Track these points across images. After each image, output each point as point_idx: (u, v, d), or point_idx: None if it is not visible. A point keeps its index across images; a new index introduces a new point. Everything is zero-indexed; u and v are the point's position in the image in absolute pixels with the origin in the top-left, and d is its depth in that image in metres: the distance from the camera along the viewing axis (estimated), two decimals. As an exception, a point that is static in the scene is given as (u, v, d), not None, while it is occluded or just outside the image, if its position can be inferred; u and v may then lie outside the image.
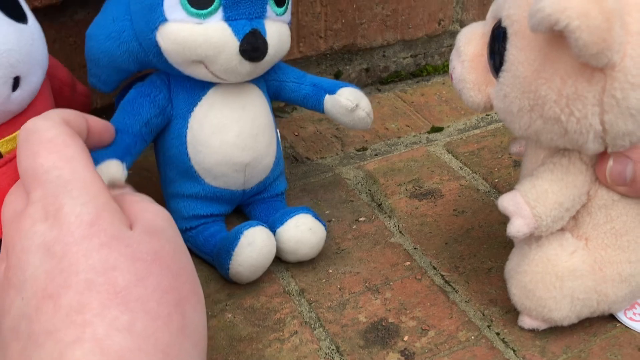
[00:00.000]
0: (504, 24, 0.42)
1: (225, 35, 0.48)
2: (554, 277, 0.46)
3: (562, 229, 0.47)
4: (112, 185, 0.47)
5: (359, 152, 0.71)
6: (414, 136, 0.73)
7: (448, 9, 0.82)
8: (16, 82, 0.46)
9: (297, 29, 0.75)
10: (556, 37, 0.38)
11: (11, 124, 0.48)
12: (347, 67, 0.81)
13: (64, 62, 0.64)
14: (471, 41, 0.46)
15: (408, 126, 0.75)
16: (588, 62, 0.37)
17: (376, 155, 0.70)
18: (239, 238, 0.52)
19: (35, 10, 0.61)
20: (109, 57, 0.52)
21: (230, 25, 0.48)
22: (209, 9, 0.48)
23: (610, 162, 0.44)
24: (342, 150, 0.71)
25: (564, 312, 0.48)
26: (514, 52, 0.41)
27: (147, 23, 0.49)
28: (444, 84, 0.83)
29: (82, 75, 0.65)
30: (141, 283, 0.35)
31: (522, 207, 0.45)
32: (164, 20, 0.48)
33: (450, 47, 0.86)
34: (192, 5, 0.47)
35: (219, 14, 0.48)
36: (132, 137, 0.52)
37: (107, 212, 0.37)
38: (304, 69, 0.78)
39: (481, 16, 0.85)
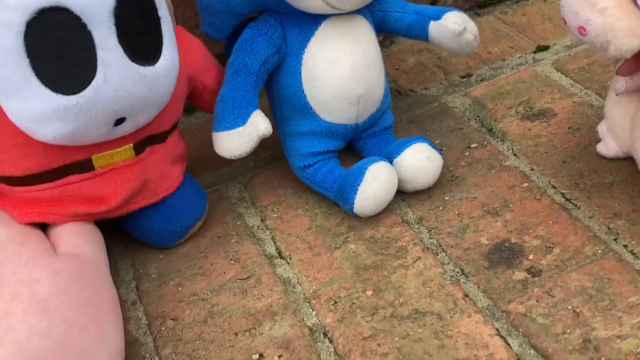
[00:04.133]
0: None
1: None
2: None
3: None
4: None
5: (464, 79, 0.70)
6: (520, 57, 0.71)
7: None
8: (120, 121, 0.45)
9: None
10: None
11: (112, 142, 0.47)
12: (443, -6, 0.79)
13: (176, 21, 0.67)
14: None
15: (512, 48, 0.73)
16: None
17: (482, 80, 0.69)
18: (364, 173, 0.53)
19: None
20: (223, 2, 0.53)
21: None
22: None
23: None
24: (445, 79, 0.70)
25: None
26: None
27: None
28: (545, 1, 0.80)
29: (191, 30, 0.67)
30: (60, 295, 0.42)
31: None
32: None
33: (550, -39, 0.82)
34: None
35: None
36: (254, 78, 0.53)
37: (35, 236, 0.45)
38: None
39: None
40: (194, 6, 0.56)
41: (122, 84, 0.42)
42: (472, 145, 0.61)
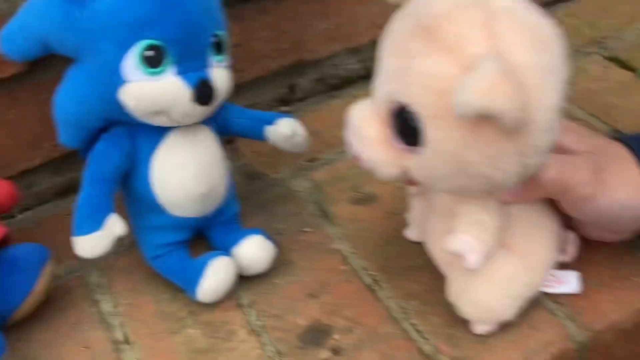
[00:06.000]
0: (413, 109, 0.46)
1: (179, 88, 0.57)
2: (500, 288, 0.55)
3: None
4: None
5: (309, 163, 0.79)
6: (360, 142, 0.81)
7: (388, 15, 0.88)
8: None
9: (249, 53, 0.83)
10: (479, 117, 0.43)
11: None
12: (300, 80, 0.88)
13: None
14: (369, 124, 0.50)
15: (355, 132, 0.83)
16: (515, 129, 0.44)
17: (324, 164, 0.78)
18: (204, 269, 0.62)
19: (6, 80, 0.71)
20: (77, 119, 0.61)
21: (182, 78, 0.57)
22: (162, 67, 0.57)
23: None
24: (294, 163, 0.79)
25: (512, 311, 0.56)
26: (433, 132, 0.46)
27: (109, 86, 0.57)
28: (391, 84, 0.90)
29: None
30: None
31: (473, 244, 0.51)
32: (125, 81, 0.57)
33: (396, 47, 0.93)
34: (149, 66, 0.56)
35: (172, 69, 0.57)
36: (109, 185, 0.61)
37: None
38: (260, 87, 0.87)
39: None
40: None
41: None
42: (306, 230, 0.70)
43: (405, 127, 0.48)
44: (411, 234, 0.66)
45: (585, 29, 0.96)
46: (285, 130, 0.67)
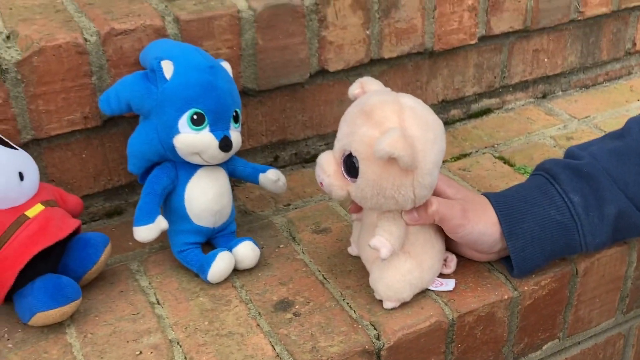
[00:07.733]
0: (354, 155, 0.82)
1: (211, 140, 0.91)
2: (401, 276, 0.88)
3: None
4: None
5: (285, 207, 1.13)
6: (320, 196, 1.16)
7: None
8: (21, 176, 0.85)
9: (248, 130, 1.18)
10: (388, 159, 0.79)
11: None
12: (282, 153, 1.24)
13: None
14: (330, 164, 0.84)
15: (318, 190, 1.17)
16: (406, 169, 0.79)
17: (296, 208, 1.13)
18: (215, 257, 0.94)
19: (86, 129, 1.03)
20: (142, 154, 0.95)
21: (213, 134, 0.92)
22: (202, 126, 0.91)
23: (415, 214, 0.86)
24: (275, 206, 1.13)
25: (408, 294, 0.89)
26: (364, 168, 0.81)
27: (167, 134, 0.92)
28: (346, 161, 1.26)
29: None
30: None
31: (385, 242, 0.86)
32: (178, 132, 0.91)
33: (352, 137, 1.29)
34: (194, 125, 0.90)
35: (207, 128, 0.91)
36: (159, 197, 0.93)
37: None
38: (254, 155, 1.22)
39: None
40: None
41: (13, 152, 0.88)
42: (281, 246, 1.03)
43: (350, 166, 0.84)
44: (351, 250, 1.00)
45: (485, 137, 1.35)
46: (272, 176, 1.02)
